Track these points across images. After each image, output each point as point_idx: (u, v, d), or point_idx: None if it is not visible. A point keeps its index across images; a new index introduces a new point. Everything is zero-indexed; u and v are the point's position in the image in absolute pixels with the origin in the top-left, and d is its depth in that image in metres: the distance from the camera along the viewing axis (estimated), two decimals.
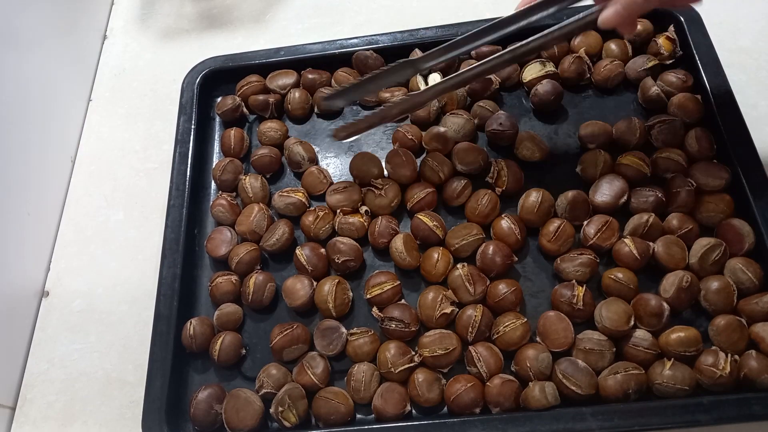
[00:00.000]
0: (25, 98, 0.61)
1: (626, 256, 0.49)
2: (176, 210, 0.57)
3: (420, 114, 0.59)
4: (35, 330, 0.58)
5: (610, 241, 0.50)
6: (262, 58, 0.64)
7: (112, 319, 0.57)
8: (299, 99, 0.62)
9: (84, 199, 0.64)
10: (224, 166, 0.59)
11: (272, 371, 0.49)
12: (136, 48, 0.74)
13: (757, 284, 0.47)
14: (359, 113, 0.63)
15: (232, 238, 0.55)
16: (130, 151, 0.66)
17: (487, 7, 0.68)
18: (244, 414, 0.47)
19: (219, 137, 0.63)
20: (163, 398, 0.48)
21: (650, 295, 0.47)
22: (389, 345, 0.48)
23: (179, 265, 0.54)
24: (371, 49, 0.62)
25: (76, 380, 0.55)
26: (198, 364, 0.52)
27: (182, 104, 0.63)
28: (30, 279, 0.59)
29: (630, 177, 0.52)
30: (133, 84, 0.71)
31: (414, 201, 0.54)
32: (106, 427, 0.52)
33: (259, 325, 0.53)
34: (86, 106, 0.70)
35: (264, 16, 0.73)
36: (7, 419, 0.54)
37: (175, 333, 0.51)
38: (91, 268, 0.60)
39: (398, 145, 0.58)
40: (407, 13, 0.70)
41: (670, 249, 0.49)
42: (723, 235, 0.50)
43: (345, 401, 0.47)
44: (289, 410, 0.47)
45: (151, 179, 0.64)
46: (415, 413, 0.48)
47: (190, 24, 0.74)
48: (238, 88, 0.63)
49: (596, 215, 0.52)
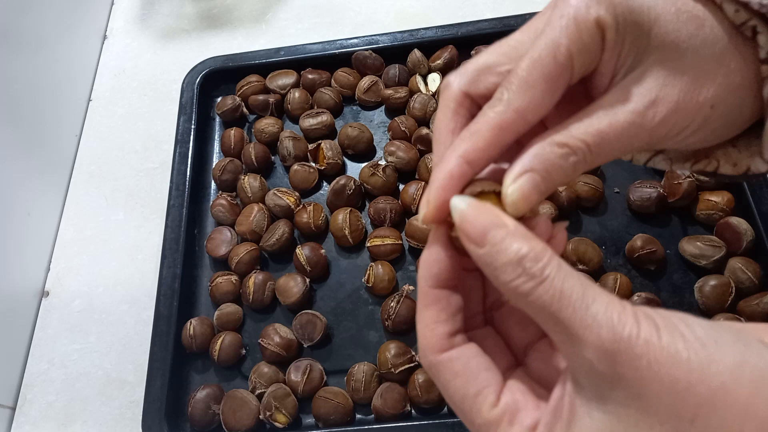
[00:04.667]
0: (25, 98, 0.61)
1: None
2: (176, 210, 0.57)
3: (416, 111, 0.59)
4: (35, 330, 0.58)
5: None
6: (262, 58, 0.64)
7: (112, 319, 0.57)
8: (299, 99, 0.62)
9: (84, 199, 0.64)
10: (224, 166, 0.59)
11: (263, 370, 0.49)
12: (136, 48, 0.74)
13: (756, 283, 0.47)
14: (359, 113, 0.63)
15: (232, 238, 0.55)
16: (130, 151, 0.66)
17: (487, 7, 0.68)
18: (240, 414, 0.47)
19: (219, 137, 0.64)
20: (163, 398, 0.48)
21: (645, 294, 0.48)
22: (389, 345, 0.48)
23: (179, 265, 0.54)
24: (371, 49, 0.62)
25: (76, 380, 0.55)
26: (198, 364, 0.52)
27: (182, 104, 0.63)
28: (30, 279, 0.59)
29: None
30: (133, 84, 0.71)
31: (417, 201, 0.54)
32: (106, 427, 0.52)
33: (259, 325, 0.53)
34: (86, 106, 0.70)
35: (264, 16, 0.73)
36: (7, 419, 0.54)
37: (175, 333, 0.51)
38: (90, 268, 0.60)
39: (391, 134, 0.58)
40: (407, 13, 0.70)
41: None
42: (721, 233, 0.50)
43: (344, 401, 0.47)
44: (278, 411, 0.47)
45: (151, 179, 0.64)
46: (414, 413, 0.48)
47: (190, 24, 0.74)
48: (238, 88, 0.63)
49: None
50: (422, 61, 0.61)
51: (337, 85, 0.62)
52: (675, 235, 0.52)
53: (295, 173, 0.58)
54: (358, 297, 0.53)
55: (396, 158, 0.56)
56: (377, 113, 0.62)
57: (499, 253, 0.19)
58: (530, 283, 0.19)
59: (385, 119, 0.62)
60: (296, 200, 0.56)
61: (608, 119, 0.22)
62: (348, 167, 0.60)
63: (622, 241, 0.52)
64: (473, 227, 0.20)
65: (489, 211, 0.20)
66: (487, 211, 0.20)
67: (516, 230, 0.20)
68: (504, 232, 0.20)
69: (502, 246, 0.19)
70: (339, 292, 0.54)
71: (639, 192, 0.52)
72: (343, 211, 0.54)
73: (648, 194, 0.52)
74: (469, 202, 0.21)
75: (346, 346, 0.51)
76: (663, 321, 0.18)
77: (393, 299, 0.50)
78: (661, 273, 0.51)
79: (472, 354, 0.21)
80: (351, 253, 0.55)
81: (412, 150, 0.56)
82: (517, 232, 0.20)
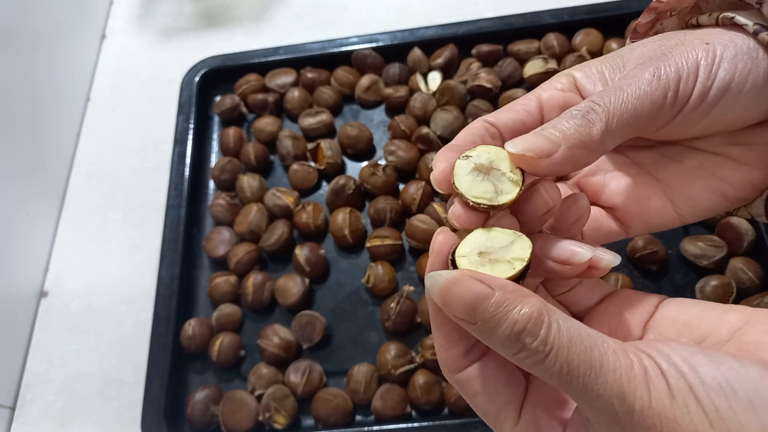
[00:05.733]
0: (24, 97, 0.61)
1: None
2: (175, 210, 0.57)
3: (417, 110, 0.58)
4: (34, 330, 0.58)
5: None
6: (261, 57, 0.64)
7: (111, 320, 0.57)
8: (298, 98, 0.61)
9: (83, 199, 0.64)
10: (223, 165, 0.58)
11: (263, 371, 0.49)
12: (135, 47, 0.73)
13: (758, 283, 0.47)
14: (359, 112, 0.63)
15: (231, 238, 0.55)
16: (129, 150, 0.66)
17: (488, 6, 0.68)
18: (240, 415, 0.47)
19: (218, 136, 0.63)
20: (162, 399, 0.48)
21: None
22: (389, 346, 0.48)
23: (178, 265, 0.54)
24: (371, 48, 0.62)
25: (75, 380, 0.55)
26: (197, 365, 0.52)
27: (181, 103, 0.62)
28: (29, 279, 0.59)
29: None
30: (131, 83, 0.71)
31: (417, 201, 0.54)
32: (105, 427, 0.52)
33: (259, 325, 0.53)
34: (85, 105, 0.70)
35: (263, 14, 0.72)
36: (7, 419, 0.54)
37: (173, 333, 0.51)
38: (89, 268, 0.60)
39: (391, 134, 0.58)
40: (407, 12, 0.69)
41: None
42: (722, 233, 0.50)
43: (344, 402, 0.47)
44: (277, 412, 0.47)
45: (150, 179, 0.64)
46: (415, 415, 0.48)
47: (189, 23, 0.74)
48: (237, 87, 0.63)
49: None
50: (422, 59, 0.61)
51: (337, 84, 0.62)
52: (676, 235, 0.51)
53: (295, 173, 0.57)
54: (358, 297, 0.53)
55: (396, 158, 0.56)
56: (377, 112, 0.62)
57: (494, 329, 0.18)
58: (533, 358, 0.18)
59: (385, 118, 0.61)
60: (295, 200, 0.56)
61: (617, 82, 0.22)
62: (348, 167, 0.59)
63: (623, 241, 0.52)
64: (458, 307, 0.19)
65: (470, 281, 0.19)
66: (468, 282, 0.19)
67: (504, 297, 0.18)
68: (493, 304, 0.18)
69: (495, 321, 0.18)
70: (339, 293, 0.53)
71: None
72: (342, 211, 0.54)
73: None
74: (445, 276, 0.19)
75: (346, 347, 0.51)
76: (677, 381, 0.17)
77: (393, 300, 0.49)
78: (662, 273, 0.50)
79: (489, 371, 0.21)
80: (351, 253, 0.55)
81: (412, 149, 0.56)
82: (507, 299, 0.18)
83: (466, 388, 0.21)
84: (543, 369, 0.18)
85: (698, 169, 0.24)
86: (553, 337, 0.18)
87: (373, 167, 0.55)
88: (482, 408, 0.21)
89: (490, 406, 0.21)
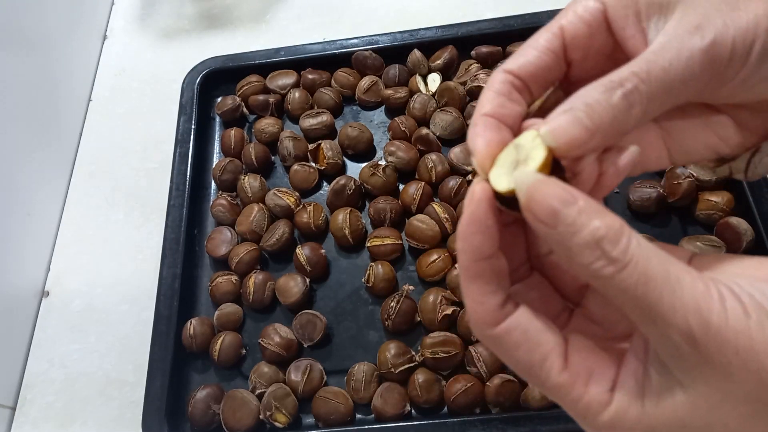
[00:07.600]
0: (25, 98, 0.61)
1: None
2: (176, 210, 0.57)
3: (416, 111, 0.59)
4: (35, 330, 0.58)
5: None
6: (262, 58, 0.64)
7: (112, 319, 0.57)
8: (299, 99, 0.62)
9: (84, 199, 0.64)
10: (224, 166, 0.59)
11: (263, 370, 0.49)
12: (136, 48, 0.74)
13: None
14: (359, 113, 0.63)
15: (232, 238, 0.55)
16: (130, 151, 0.66)
17: (488, 7, 0.68)
18: (241, 414, 0.47)
19: (219, 137, 0.63)
20: (163, 398, 0.48)
21: None
22: (389, 345, 0.48)
23: (179, 265, 0.54)
24: (371, 49, 0.62)
25: (75, 380, 0.55)
26: (198, 365, 0.52)
27: (182, 104, 0.63)
28: (30, 279, 0.59)
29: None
30: (133, 84, 0.71)
31: (417, 201, 0.54)
32: (105, 427, 0.52)
33: (260, 325, 0.53)
34: (86, 106, 0.70)
35: (264, 16, 0.73)
36: (7, 419, 0.54)
37: (175, 333, 0.51)
38: (90, 268, 0.60)
39: (391, 134, 0.58)
40: (407, 13, 0.70)
41: None
42: (721, 233, 0.50)
43: (344, 401, 0.47)
44: (278, 411, 0.47)
45: (151, 179, 0.64)
46: (414, 413, 0.48)
47: (190, 24, 0.74)
48: (238, 88, 0.63)
49: None
50: (422, 61, 0.61)
51: (337, 85, 0.62)
52: (675, 235, 0.52)
53: (295, 173, 0.58)
54: (358, 297, 0.53)
55: (396, 158, 0.56)
56: (377, 113, 0.62)
57: (574, 235, 0.18)
58: (611, 267, 0.17)
59: (385, 119, 0.62)
60: (296, 200, 0.56)
61: (653, 51, 0.20)
62: (348, 167, 0.60)
63: None
64: (542, 206, 0.18)
65: (557, 186, 0.19)
66: (555, 186, 0.19)
67: (588, 206, 0.18)
68: (576, 210, 0.18)
69: (577, 226, 0.18)
70: (339, 292, 0.54)
71: (639, 192, 0.52)
72: (343, 211, 0.54)
73: (648, 194, 0.52)
74: (535, 176, 0.19)
75: (346, 346, 0.51)
76: (750, 300, 0.18)
77: (393, 299, 0.50)
78: None
79: (527, 319, 0.20)
80: (351, 253, 0.55)
81: (412, 150, 0.56)
82: (590, 209, 0.18)
83: (506, 342, 0.20)
84: (619, 281, 0.17)
85: (701, 125, 0.24)
86: (633, 248, 0.18)
87: (373, 168, 0.55)
88: (525, 359, 0.20)
89: (534, 355, 0.20)
